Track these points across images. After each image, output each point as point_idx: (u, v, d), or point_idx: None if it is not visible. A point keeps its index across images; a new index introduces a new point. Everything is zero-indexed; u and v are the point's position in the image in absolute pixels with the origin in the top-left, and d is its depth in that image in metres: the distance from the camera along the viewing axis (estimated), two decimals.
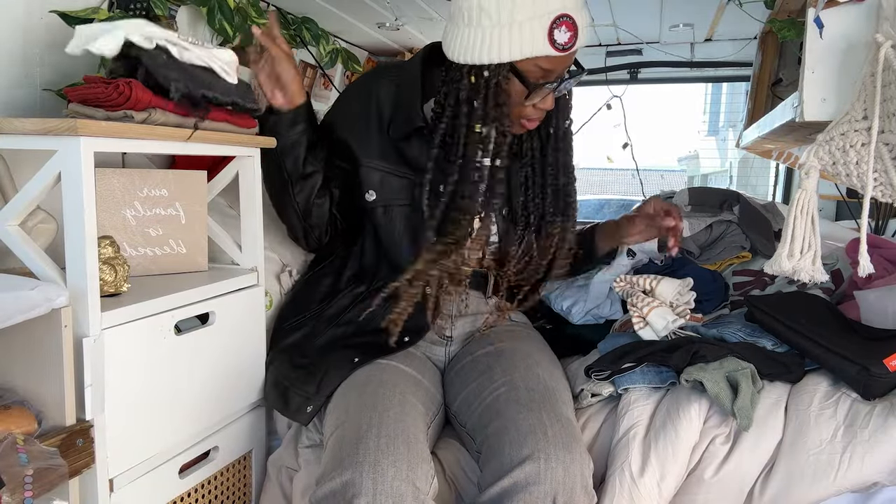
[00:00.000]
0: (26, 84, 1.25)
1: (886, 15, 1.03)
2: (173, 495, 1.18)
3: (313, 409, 1.22)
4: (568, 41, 1.18)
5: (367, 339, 1.30)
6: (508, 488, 1.02)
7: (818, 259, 1.07)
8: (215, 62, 1.19)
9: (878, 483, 1.07)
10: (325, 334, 1.33)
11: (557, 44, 1.17)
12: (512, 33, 1.16)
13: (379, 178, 1.35)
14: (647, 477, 1.14)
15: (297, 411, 1.24)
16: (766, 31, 2.15)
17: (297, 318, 1.38)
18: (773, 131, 1.58)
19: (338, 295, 1.38)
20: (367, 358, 1.25)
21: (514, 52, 1.18)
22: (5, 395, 0.95)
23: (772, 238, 1.83)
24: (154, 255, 1.26)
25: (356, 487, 0.97)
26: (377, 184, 1.35)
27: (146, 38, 1.07)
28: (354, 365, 1.24)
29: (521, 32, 1.16)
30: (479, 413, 1.17)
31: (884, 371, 1.13)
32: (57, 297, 0.92)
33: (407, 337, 1.30)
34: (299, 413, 1.24)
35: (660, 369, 1.27)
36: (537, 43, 1.17)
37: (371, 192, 1.35)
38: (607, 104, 3.08)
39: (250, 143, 1.30)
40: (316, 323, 1.36)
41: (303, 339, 1.34)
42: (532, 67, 1.20)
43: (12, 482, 0.81)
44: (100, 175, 1.16)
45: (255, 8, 1.76)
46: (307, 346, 1.32)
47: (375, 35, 2.47)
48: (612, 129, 3.24)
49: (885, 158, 1.02)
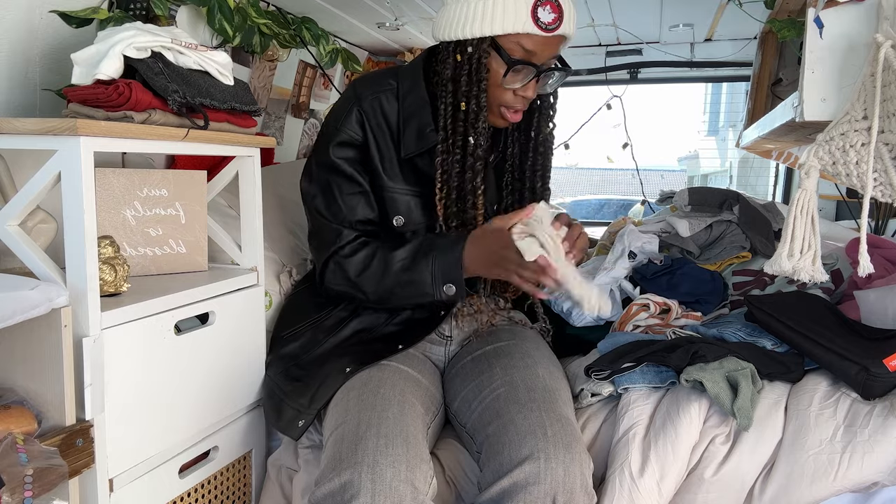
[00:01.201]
0: (26, 84, 1.25)
1: (886, 15, 1.03)
2: (173, 495, 1.18)
3: (304, 423, 1.22)
4: (552, 22, 1.19)
5: (363, 348, 1.29)
6: (508, 488, 1.02)
7: (818, 259, 1.07)
8: (211, 65, 1.20)
9: (878, 483, 1.07)
10: (323, 345, 1.32)
11: (541, 22, 1.19)
12: (496, 7, 1.18)
13: (405, 204, 1.32)
14: (647, 477, 1.14)
15: (289, 425, 1.23)
16: (766, 31, 2.15)
17: (296, 328, 1.36)
18: (773, 131, 1.58)
19: (339, 305, 1.37)
20: (359, 367, 1.24)
21: (496, 27, 1.19)
22: (5, 395, 0.95)
23: (772, 238, 1.83)
24: (154, 255, 1.26)
25: (355, 488, 0.97)
26: (404, 210, 1.31)
27: (139, 50, 1.08)
28: (347, 375, 1.23)
29: (504, 6, 1.18)
30: (479, 413, 1.17)
31: (884, 371, 1.13)
32: (57, 297, 0.92)
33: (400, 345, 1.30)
34: (290, 427, 1.23)
35: (659, 369, 1.27)
36: (520, 18, 1.18)
37: (399, 218, 1.31)
38: (607, 104, 3.08)
39: (250, 143, 1.30)
40: (314, 332, 1.34)
41: (300, 350, 1.33)
42: (514, 46, 1.21)
43: (12, 482, 0.81)
44: (100, 175, 1.16)
45: (255, 8, 1.76)
46: (304, 357, 1.31)
47: (375, 35, 2.47)
48: (612, 129, 3.24)
49: (885, 158, 1.02)
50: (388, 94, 1.30)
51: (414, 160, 1.30)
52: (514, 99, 1.26)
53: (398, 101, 1.30)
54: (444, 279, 1.22)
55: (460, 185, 1.27)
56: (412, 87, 1.30)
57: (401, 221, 1.31)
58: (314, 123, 2.55)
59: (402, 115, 1.29)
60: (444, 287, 1.22)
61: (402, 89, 1.30)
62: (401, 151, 1.29)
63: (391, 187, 1.31)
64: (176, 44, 1.14)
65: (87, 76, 1.06)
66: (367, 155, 1.31)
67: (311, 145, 2.53)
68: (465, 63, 1.22)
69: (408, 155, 1.29)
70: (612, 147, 3.72)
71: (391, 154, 1.30)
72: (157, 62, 1.10)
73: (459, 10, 1.21)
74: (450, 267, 1.22)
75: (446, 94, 1.24)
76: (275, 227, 1.50)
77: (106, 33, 1.11)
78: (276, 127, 2.33)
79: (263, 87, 2.10)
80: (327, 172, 1.31)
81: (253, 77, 2.01)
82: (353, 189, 1.31)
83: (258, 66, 2.01)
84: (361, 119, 1.29)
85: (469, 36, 1.20)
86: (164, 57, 1.13)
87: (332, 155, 1.30)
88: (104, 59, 1.05)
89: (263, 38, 1.84)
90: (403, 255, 1.26)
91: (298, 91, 2.36)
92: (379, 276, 1.27)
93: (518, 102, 1.26)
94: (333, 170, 1.31)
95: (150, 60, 1.10)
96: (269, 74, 2.09)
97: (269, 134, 2.20)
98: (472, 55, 1.21)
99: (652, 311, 1.54)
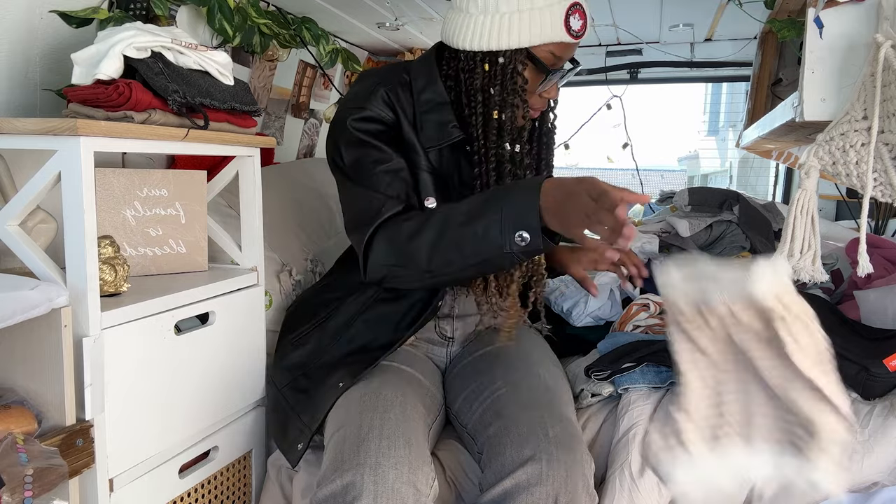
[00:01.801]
0: (26, 84, 1.25)
1: (886, 15, 1.03)
2: (173, 495, 1.18)
3: (303, 446, 1.20)
4: (581, 28, 1.23)
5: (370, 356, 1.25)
6: (510, 489, 1.02)
7: (818, 259, 1.07)
8: (211, 65, 1.20)
9: (878, 483, 1.07)
10: (329, 351, 1.29)
11: (572, 30, 1.22)
12: (532, 18, 1.19)
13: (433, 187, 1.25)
14: (647, 477, 1.14)
15: (290, 447, 1.22)
16: (766, 31, 2.15)
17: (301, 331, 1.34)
18: (773, 131, 1.58)
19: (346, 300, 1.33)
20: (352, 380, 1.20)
21: (534, 38, 1.20)
22: (5, 395, 0.95)
23: (771, 237, 1.83)
24: (154, 255, 1.26)
25: (357, 490, 0.97)
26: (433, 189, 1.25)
27: (139, 50, 1.08)
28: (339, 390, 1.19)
29: (541, 18, 1.19)
30: (480, 414, 1.17)
31: (884, 371, 1.13)
32: (57, 297, 0.92)
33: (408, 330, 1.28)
34: (291, 450, 1.22)
35: (659, 369, 1.27)
36: (556, 29, 1.20)
37: (430, 199, 1.24)
38: (607, 104, 3.08)
39: (250, 143, 1.30)
40: (321, 336, 1.31)
41: (307, 357, 1.30)
42: (546, 54, 1.22)
43: (12, 482, 0.81)
44: (100, 175, 1.16)
45: (255, 8, 1.76)
46: (311, 365, 1.29)
47: (375, 35, 2.47)
48: (612, 129, 3.24)
49: (884, 158, 1.02)
50: (404, 87, 1.28)
51: (429, 155, 1.27)
52: (537, 101, 1.27)
53: (412, 96, 1.28)
54: (515, 226, 1.02)
55: None
56: (427, 84, 1.28)
57: (432, 203, 1.24)
58: (314, 123, 2.54)
59: (418, 109, 1.27)
60: (514, 236, 1.02)
61: (416, 86, 1.28)
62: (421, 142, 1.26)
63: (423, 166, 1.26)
64: (176, 44, 1.14)
65: (87, 76, 1.06)
66: (400, 133, 1.26)
67: (312, 144, 2.54)
68: (498, 73, 1.22)
69: (429, 147, 1.26)
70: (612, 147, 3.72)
71: (414, 141, 1.27)
72: (157, 62, 1.10)
73: (490, 21, 1.20)
74: (523, 210, 1.02)
75: (476, 103, 1.24)
76: (275, 226, 1.50)
77: (106, 33, 1.11)
78: (276, 127, 2.33)
79: (263, 87, 2.10)
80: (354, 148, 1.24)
81: (253, 77, 2.01)
82: (384, 162, 1.22)
83: (258, 66, 2.01)
84: (389, 100, 1.26)
85: (504, 47, 1.20)
86: (164, 57, 1.13)
87: (356, 133, 1.23)
88: (104, 59, 1.05)
89: (263, 38, 1.84)
90: (467, 206, 1.10)
91: (298, 91, 2.36)
92: (435, 236, 1.10)
93: (540, 103, 1.29)
94: (361, 144, 1.23)
95: (151, 60, 1.10)
96: (269, 74, 2.09)
97: (269, 134, 2.20)
98: (504, 65, 1.21)
99: (652, 311, 1.54)
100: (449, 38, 1.26)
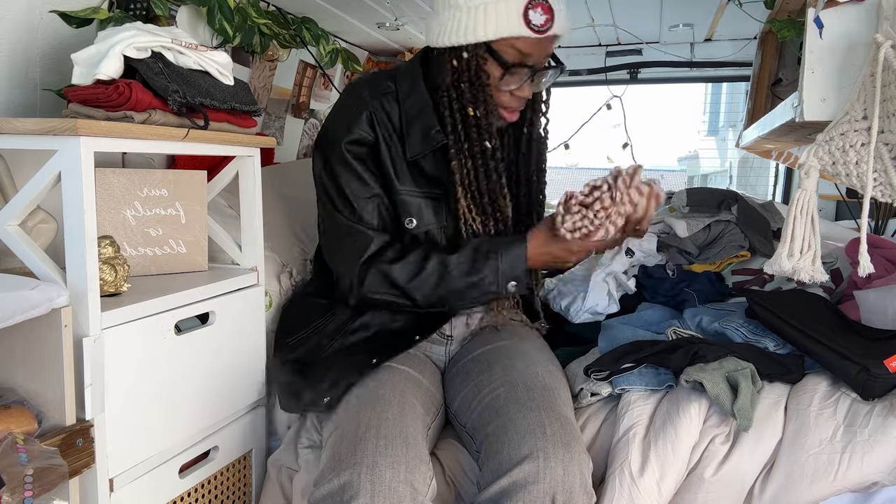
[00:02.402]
0: (26, 84, 1.25)
1: (886, 15, 1.03)
2: (173, 495, 1.18)
3: (331, 399, 1.19)
4: (544, 23, 1.20)
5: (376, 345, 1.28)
6: (508, 487, 1.02)
7: (818, 259, 1.07)
8: (211, 65, 1.20)
9: (878, 483, 1.07)
10: (328, 348, 1.30)
11: (533, 25, 1.19)
12: (487, 12, 1.18)
13: (417, 205, 1.30)
14: (647, 476, 1.14)
15: (312, 403, 1.21)
16: (766, 31, 2.15)
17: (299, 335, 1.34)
18: (773, 131, 1.58)
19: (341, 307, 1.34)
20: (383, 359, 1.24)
21: (490, 31, 1.19)
22: (5, 395, 0.95)
23: (770, 237, 1.83)
24: (154, 255, 1.26)
25: (354, 489, 0.97)
26: (415, 211, 1.30)
27: (139, 50, 1.08)
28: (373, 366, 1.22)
29: (496, 11, 1.18)
30: (479, 412, 1.17)
31: (884, 371, 1.13)
32: (57, 297, 0.92)
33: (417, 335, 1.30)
34: (314, 404, 1.20)
35: (658, 371, 1.27)
36: (512, 23, 1.18)
37: (411, 220, 1.30)
38: (607, 104, 3.08)
39: (250, 143, 1.30)
40: (319, 338, 1.32)
41: (306, 355, 1.31)
42: (508, 49, 1.21)
43: (12, 482, 0.81)
44: (100, 175, 1.16)
45: (255, 8, 1.76)
46: (312, 359, 1.29)
47: (375, 35, 2.47)
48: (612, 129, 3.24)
49: (884, 158, 1.03)
50: (389, 96, 1.29)
51: (419, 162, 1.29)
52: (510, 99, 1.26)
53: (398, 103, 1.29)
54: (507, 278, 1.24)
55: (490, 189, 1.28)
56: (411, 89, 1.29)
57: (412, 223, 1.30)
58: (314, 123, 2.55)
59: (403, 117, 1.28)
60: (507, 285, 1.24)
61: (401, 92, 1.29)
62: (407, 153, 1.28)
63: (401, 189, 1.29)
64: (176, 44, 1.14)
65: (87, 76, 1.06)
66: (378, 156, 1.29)
67: (312, 146, 2.53)
68: (464, 69, 1.22)
69: (414, 156, 1.28)
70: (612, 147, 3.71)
71: (399, 156, 1.29)
72: (157, 62, 1.10)
73: (451, 16, 1.21)
74: (514, 264, 1.23)
75: (449, 99, 1.25)
76: (275, 226, 1.50)
77: (106, 33, 1.11)
78: (276, 127, 2.33)
79: (263, 87, 2.10)
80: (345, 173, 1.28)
81: (253, 77, 2.01)
82: (370, 192, 1.28)
83: (258, 66, 2.01)
84: (371, 120, 1.28)
85: (464, 42, 1.21)
86: (164, 57, 1.13)
87: (347, 157, 1.27)
88: (104, 59, 1.05)
89: (263, 38, 1.84)
90: (461, 259, 1.25)
91: (298, 91, 2.36)
92: (435, 281, 1.24)
93: (514, 102, 1.27)
94: (351, 171, 1.28)
95: (151, 60, 1.10)
96: (269, 74, 2.09)
97: (269, 134, 2.20)
98: (468, 60, 1.22)
99: None
100: (427, 38, 1.28)
